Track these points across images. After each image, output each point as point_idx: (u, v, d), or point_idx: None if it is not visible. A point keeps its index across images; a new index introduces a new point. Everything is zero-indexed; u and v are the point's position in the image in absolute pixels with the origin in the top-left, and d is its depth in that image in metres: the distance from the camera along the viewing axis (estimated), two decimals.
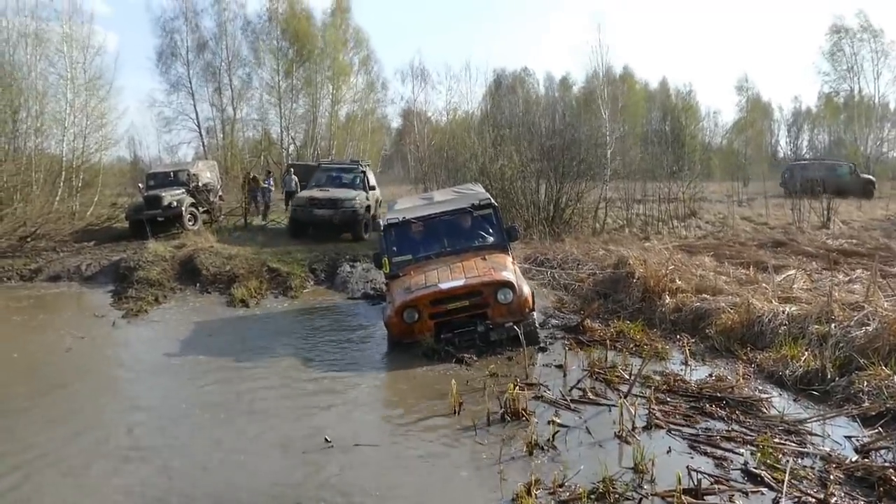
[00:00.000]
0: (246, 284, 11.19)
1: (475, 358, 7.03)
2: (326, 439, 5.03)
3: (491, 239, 8.59)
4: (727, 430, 4.94)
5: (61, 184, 20.38)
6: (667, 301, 8.57)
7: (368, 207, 16.60)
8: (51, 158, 20.97)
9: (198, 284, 12.06)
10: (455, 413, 5.46)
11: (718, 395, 5.61)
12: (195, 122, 36.26)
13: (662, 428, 5.03)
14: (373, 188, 17.53)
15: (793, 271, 9.43)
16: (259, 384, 6.67)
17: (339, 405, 5.99)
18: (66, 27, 22.02)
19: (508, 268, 7.81)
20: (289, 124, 38.01)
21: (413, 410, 5.72)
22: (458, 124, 36.29)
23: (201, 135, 36.28)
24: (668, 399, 5.63)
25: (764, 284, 8.66)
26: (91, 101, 22.16)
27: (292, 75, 37.08)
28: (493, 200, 8.86)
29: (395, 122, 49.50)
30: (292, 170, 20.70)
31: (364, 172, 17.53)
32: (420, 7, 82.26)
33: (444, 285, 7.41)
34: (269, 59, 36.82)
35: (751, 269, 9.99)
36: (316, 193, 16.35)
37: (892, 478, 3.97)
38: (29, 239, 16.46)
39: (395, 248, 8.59)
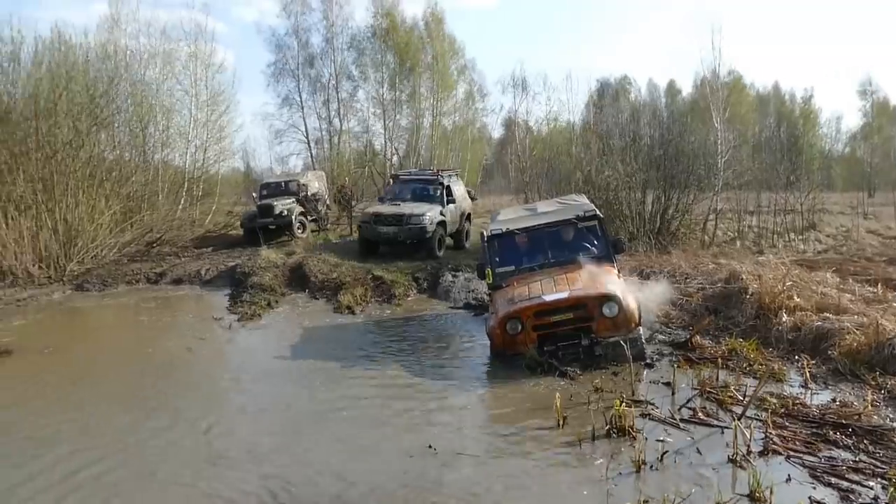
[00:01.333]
0: (352, 291, 11.53)
1: (579, 372, 6.92)
2: (430, 446, 5.11)
3: (596, 251, 8.45)
4: (854, 461, 4.62)
5: (184, 193, 21.84)
6: (784, 319, 8.10)
7: (443, 223, 15.33)
8: (175, 169, 22.53)
9: (306, 290, 12.56)
10: (559, 427, 5.40)
11: (843, 421, 5.25)
12: (304, 133, 38.00)
13: (781, 454, 4.76)
14: (452, 201, 16.04)
15: None
16: (366, 391, 6.85)
17: (442, 413, 6.07)
18: (192, 46, 23.69)
19: (614, 280, 7.66)
20: (392, 135, 38.98)
21: (516, 422, 5.71)
22: (559, 134, 35.99)
23: (309, 146, 37.93)
24: (787, 424, 5.32)
25: (895, 304, 8.04)
26: (212, 115, 23.67)
27: (396, 87, 38.06)
28: (598, 212, 8.72)
29: (497, 132, 49.67)
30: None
31: (443, 184, 16.07)
32: (519, 17, 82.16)
33: (549, 297, 7.36)
34: (373, 73, 37.98)
35: (879, 286, 9.30)
36: (381, 208, 15.56)
37: None
38: (155, 244, 17.73)
39: (498, 259, 8.62)
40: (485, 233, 8.85)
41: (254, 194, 20.17)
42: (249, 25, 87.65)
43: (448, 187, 16.14)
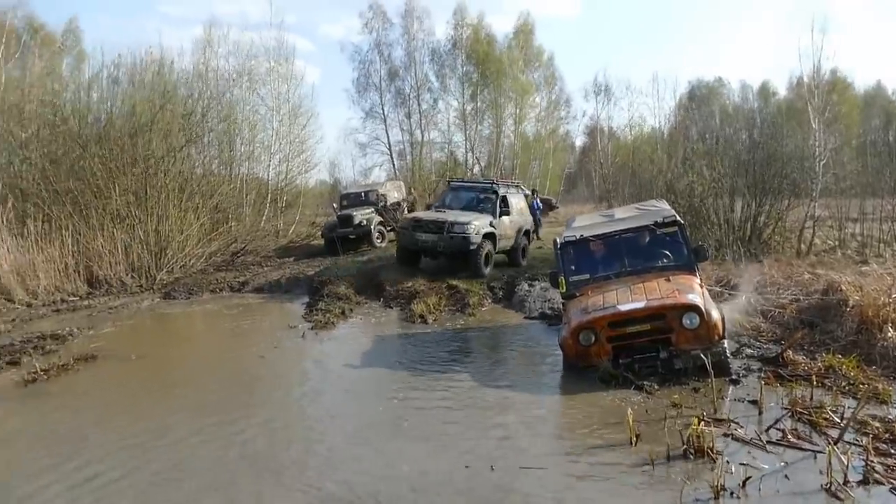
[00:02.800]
0: (425, 300, 11.45)
1: (656, 386, 6.51)
2: (492, 468, 4.88)
3: (676, 259, 8.00)
4: None
5: (268, 204, 22.58)
6: (890, 334, 7.38)
7: (492, 236, 13.68)
8: (259, 181, 23.37)
9: (381, 299, 12.61)
10: (631, 444, 5.06)
11: None
12: (387, 145, 38.81)
13: (883, 485, 4.27)
14: (507, 213, 14.53)
15: None
16: (433, 401, 6.69)
17: (509, 425, 5.83)
18: (274, 63, 24.57)
19: (695, 290, 7.19)
20: (473, 145, 39.16)
21: (585, 437, 5.41)
22: (644, 140, 35.00)
23: (392, 157, 38.71)
24: (892, 451, 4.78)
25: None
26: (293, 128, 24.44)
27: (477, 98, 38.21)
28: (678, 218, 8.25)
29: (579, 140, 49.00)
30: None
31: (497, 193, 14.51)
32: (603, 23, 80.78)
33: (624, 307, 6.99)
34: (454, 84, 38.34)
35: None
36: (422, 214, 14.43)
37: None
38: (239, 254, 18.36)
39: (572, 267, 8.31)
40: (558, 240, 8.56)
41: (334, 205, 20.59)
42: (335, 44, 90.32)
43: (505, 198, 14.70)
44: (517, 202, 15.58)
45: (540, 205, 18.69)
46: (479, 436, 5.60)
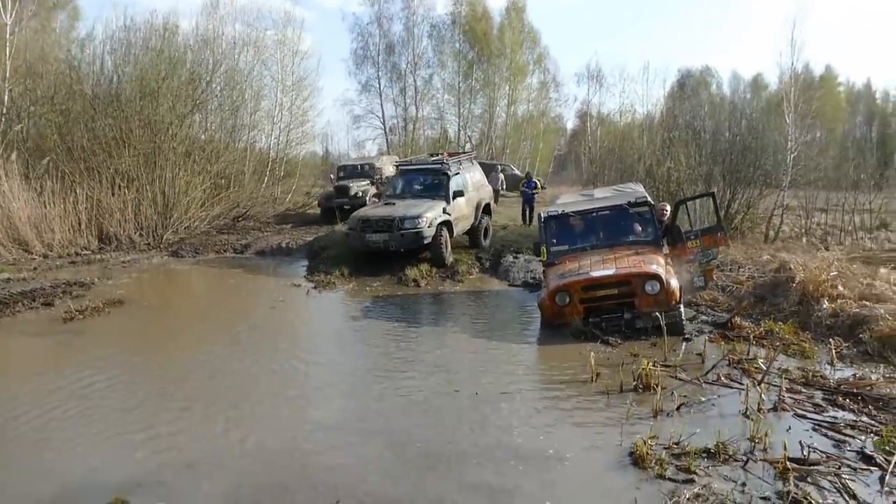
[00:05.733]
0: (418, 267, 12.42)
1: (620, 341, 7.59)
2: (456, 390, 6.06)
3: (645, 235, 9.04)
4: (854, 420, 5.16)
5: (267, 173, 23.37)
6: (825, 306, 8.50)
7: (448, 223, 12.97)
8: (260, 150, 24.12)
9: (376, 264, 13.55)
10: (592, 381, 6.13)
11: (855, 391, 5.76)
12: (381, 119, 39.42)
13: (789, 412, 5.35)
14: (461, 193, 13.59)
15: None
16: (426, 347, 7.77)
17: (492, 367, 6.89)
18: (280, 34, 25.20)
19: (659, 262, 8.24)
20: (466, 123, 39.85)
21: (555, 375, 6.49)
22: (634, 126, 35.97)
23: (385, 132, 39.31)
24: (802, 389, 5.88)
25: None
26: (296, 100, 25.14)
27: (472, 76, 38.81)
28: (649, 199, 9.29)
29: (571, 123, 49.81)
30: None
31: (448, 175, 13.51)
32: (598, 9, 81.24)
33: (596, 273, 8.04)
34: (450, 61, 38.84)
35: None
36: (370, 212, 13.45)
37: None
38: (240, 219, 19.26)
39: (554, 240, 9.33)
40: (542, 214, 9.59)
41: (331, 176, 21.44)
42: (332, 12, 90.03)
43: (459, 177, 13.80)
44: (472, 176, 14.73)
45: (536, 184, 19.13)
46: (465, 370, 6.71)
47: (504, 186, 20.73)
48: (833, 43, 75.44)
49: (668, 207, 9.63)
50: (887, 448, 4.53)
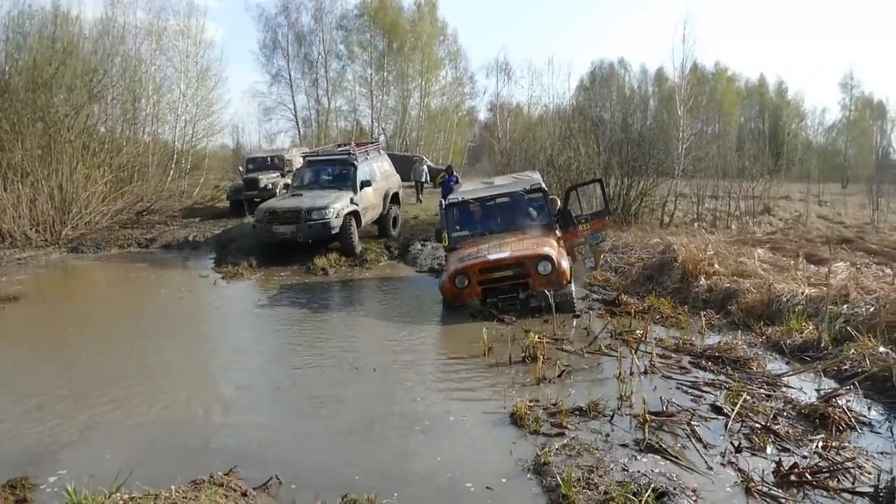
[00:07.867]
0: (326, 255, 12.55)
1: (514, 319, 8.04)
2: (356, 367, 6.36)
3: (540, 220, 9.55)
4: (713, 379, 5.77)
5: (173, 166, 22.77)
6: (702, 282, 9.27)
7: (356, 213, 13.24)
8: (164, 143, 23.43)
9: (285, 254, 13.57)
10: (484, 355, 6.53)
11: (717, 354, 6.41)
12: (293, 112, 38.88)
13: (658, 374, 5.91)
14: (368, 184, 13.80)
15: (840, 263, 9.86)
16: (330, 330, 8.01)
17: (394, 346, 7.19)
18: (182, 23, 24.52)
19: (551, 245, 8.76)
20: (379, 115, 39.85)
21: (451, 350, 6.90)
22: (540, 118, 37.04)
23: (298, 124, 38.83)
24: (672, 355, 6.48)
25: (797, 271, 9.20)
26: (200, 91, 24.55)
27: (384, 68, 38.80)
28: (543, 185, 9.81)
29: (483, 115, 50.64)
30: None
31: (355, 166, 13.69)
32: (507, 3, 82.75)
33: (492, 256, 8.48)
34: (360, 53, 38.68)
35: (798, 259, 10.45)
36: (276, 203, 13.58)
37: (831, 414, 4.74)
38: (145, 213, 18.73)
39: (456, 226, 9.72)
40: (443, 202, 9.94)
41: (240, 168, 21.13)
42: (238, 1, 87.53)
43: (366, 166, 14.07)
44: (380, 166, 14.95)
45: (457, 178, 19.35)
46: (371, 350, 7.03)
47: (428, 179, 21.01)
48: (727, 40, 79.69)
49: (558, 201, 10.12)
50: (734, 400, 5.11)
